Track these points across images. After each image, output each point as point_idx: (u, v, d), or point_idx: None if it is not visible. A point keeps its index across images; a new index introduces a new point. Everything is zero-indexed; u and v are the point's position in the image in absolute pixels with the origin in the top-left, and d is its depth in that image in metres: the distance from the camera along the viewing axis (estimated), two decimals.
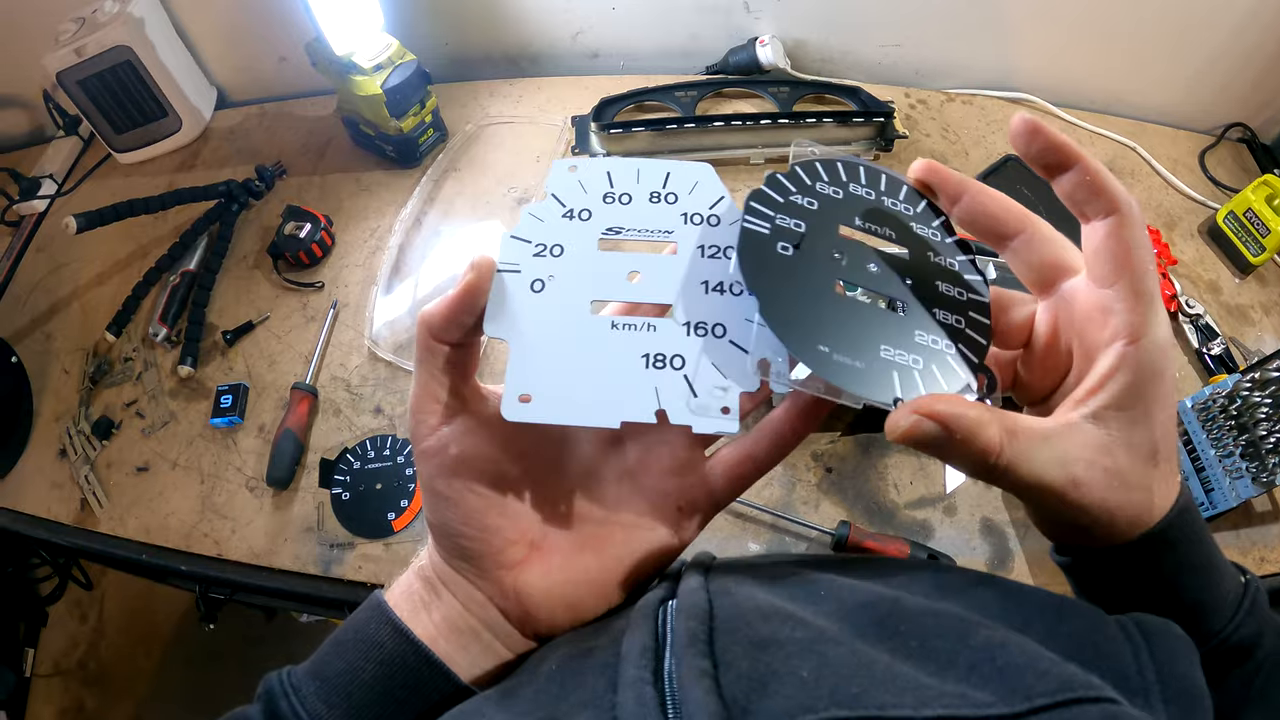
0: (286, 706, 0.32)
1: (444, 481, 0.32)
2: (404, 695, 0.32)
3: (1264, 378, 0.84)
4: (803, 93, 1.13)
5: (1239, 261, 1.07)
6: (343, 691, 0.32)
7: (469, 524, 0.32)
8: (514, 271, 0.32)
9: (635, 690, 0.25)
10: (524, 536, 0.34)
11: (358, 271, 1.02)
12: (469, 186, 1.09)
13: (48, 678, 1.37)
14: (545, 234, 0.33)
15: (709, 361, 0.31)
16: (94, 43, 1.01)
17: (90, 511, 0.89)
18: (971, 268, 0.35)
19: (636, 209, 0.34)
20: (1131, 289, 0.29)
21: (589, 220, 0.33)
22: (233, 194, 1.05)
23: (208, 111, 1.17)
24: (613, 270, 0.33)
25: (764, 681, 0.24)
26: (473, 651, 0.34)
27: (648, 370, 0.31)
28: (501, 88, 1.19)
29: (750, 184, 1.07)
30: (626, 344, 0.32)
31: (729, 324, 0.32)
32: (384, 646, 0.33)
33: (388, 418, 0.92)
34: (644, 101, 1.12)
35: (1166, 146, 1.17)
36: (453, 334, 0.31)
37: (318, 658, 0.34)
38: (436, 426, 0.32)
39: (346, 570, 0.84)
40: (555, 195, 0.34)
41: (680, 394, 0.31)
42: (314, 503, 0.87)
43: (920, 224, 0.35)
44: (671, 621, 0.29)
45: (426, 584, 0.35)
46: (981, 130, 1.15)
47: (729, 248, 0.33)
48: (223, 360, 0.97)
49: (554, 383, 0.31)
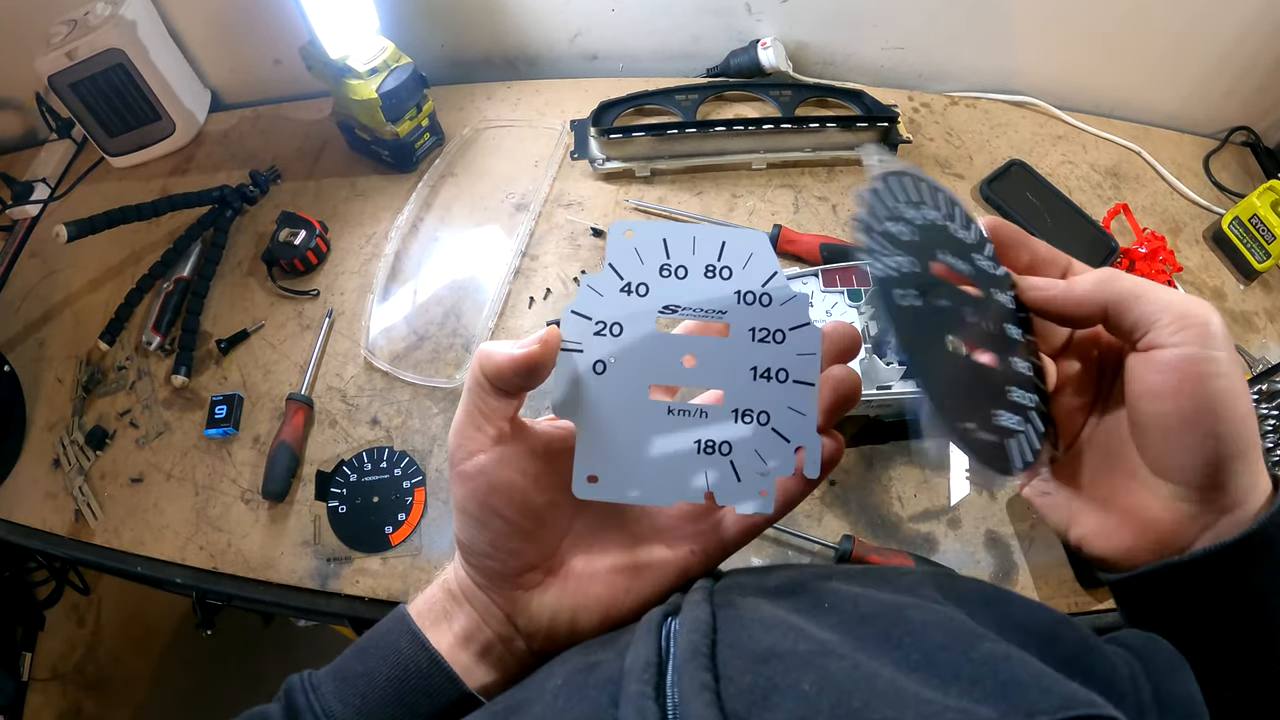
0: (304, 702, 0.34)
1: (476, 505, 0.34)
2: (414, 699, 0.35)
3: (1271, 389, 0.83)
4: (805, 96, 1.11)
5: (1244, 268, 1.06)
6: (358, 691, 0.35)
7: (495, 546, 0.34)
8: (577, 351, 0.34)
9: (636, 705, 0.25)
10: (543, 562, 0.36)
11: (353, 279, 1.01)
12: (466, 191, 1.07)
13: (45, 682, 1.36)
14: (605, 310, 0.35)
15: (753, 449, 0.34)
16: (86, 45, 1.00)
17: (85, 523, 0.88)
18: (1015, 301, 0.36)
19: (692, 284, 0.35)
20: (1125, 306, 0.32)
21: (646, 296, 0.35)
22: (227, 199, 1.04)
23: (201, 114, 1.16)
24: (669, 354, 0.35)
25: (765, 694, 0.24)
26: (486, 662, 0.36)
27: (699, 455, 0.34)
28: (499, 90, 1.17)
29: (753, 189, 1.06)
30: (681, 430, 0.35)
31: (773, 411, 0.34)
32: (401, 652, 0.35)
33: (384, 429, 0.91)
34: (644, 105, 1.11)
35: (1170, 150, 1.16)
36: (508, 387, 0.33)
37: (339, 661, 0.37)
38: (475, 453, 0.34)
39: (344, 585, 0.83)
40: (613, 266, 0.35)
41: (726, 478, 0.34)
42: (310, 515, 0.86)
43: (979, 256, 0.36)
44: (674, 636, 0.29)
45: (449, 596, 0.37)
46: (986, 135, 1.14)
47: (779, 330, 0.35)
48: (217, 369, 0.96)
49: (618, 465, 0.34)
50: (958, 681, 0.24)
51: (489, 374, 0.33)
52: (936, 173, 1.08)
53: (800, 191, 1.06)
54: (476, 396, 0.34)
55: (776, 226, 0.99)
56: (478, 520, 0.34)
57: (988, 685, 0.24)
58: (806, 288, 0.90)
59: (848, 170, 1.08)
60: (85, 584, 1.32)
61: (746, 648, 0.27)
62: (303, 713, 0.34)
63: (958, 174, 1.09)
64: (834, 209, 1.04)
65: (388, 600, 0.82)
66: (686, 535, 0.37)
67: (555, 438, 0.37)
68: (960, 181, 1.08)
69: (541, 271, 1.00)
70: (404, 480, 0.88)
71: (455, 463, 0.34)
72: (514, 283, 0.99)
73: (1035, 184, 1.08)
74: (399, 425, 0.91)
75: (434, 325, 0.97)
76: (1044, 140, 1.15)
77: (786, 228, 0.99)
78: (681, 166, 1.06)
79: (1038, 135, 1.15)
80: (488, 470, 0.34)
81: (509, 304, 0.98)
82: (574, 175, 1.08)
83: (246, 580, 0.85)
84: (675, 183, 1.06)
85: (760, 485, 0.34)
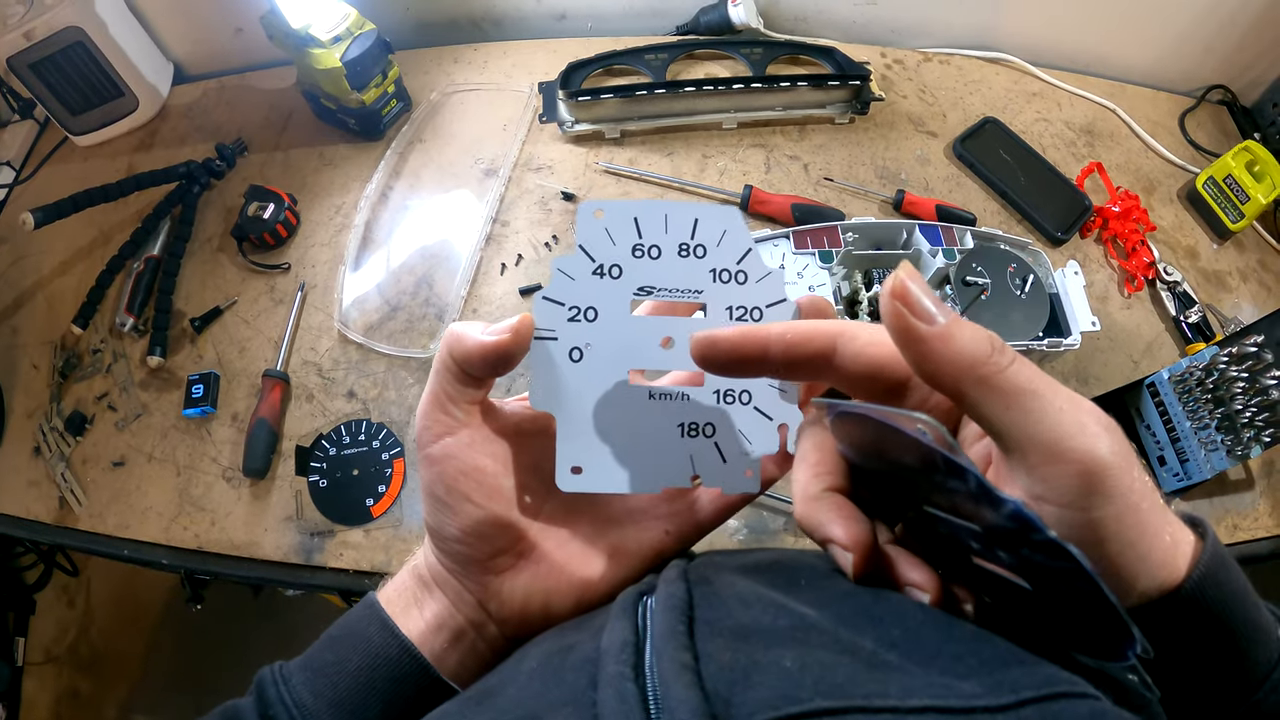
0: (275, 694, 0.34)
1: (444, 489, 0.33)
2: (385, 686, 0.34)
3: (1241, 352, 0.83)
4: (776, 54, 1.09)
5: (1217, 227, 1.06)
6: (329, 681, 0.34)
7: (464, 531, 0.33)
8: (551, 339, 0.33)
9: (616, 686, 0.25)
10: (514, 546, 0.35)
11: (324, 251, 1.00)
12: (435, 157, 1.06)
13: (40, 665, 1.37)
14: (577, 294, 0.34)
15: (736, 429, 0.34)
16: (43, 25, 0.97)
17: (69, 509, 0.89)
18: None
19: (666, 264, 0.34)
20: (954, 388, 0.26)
21: (620, 279, 0.34)
22: (193, 175, 1.03)
23: (165, 88, 1.14)
24: (646, 336, 0.34)
25: (746, 672, 0.24)
26: (459, 649, 0.35)
27: (683, 439, 0.34)
28: (465, 53, 1.15)
29: (724, 149, 1.05)
30: (664, 414, 0.34)
31: (754, 390, 0.34)
32: (371, 640, 0.34)
33: (361, 401, 0.91)
34: (613, 65, 1.09)
35: (1146, 108, 1.15)
36: (476, 373, 0.32)
37: (310, 652, 0.36)
38: (442, 435, 0.33)
39: (328, 558, 0.84)
40: (584, 248, 0.34)
41: (712, 460, 0.34)
42: (292, 491, 0.87)
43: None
44: (651, 615, 0.29)
45: (420, 582, 0.36)
46: (959, 92, 1.12)
47: (755, 308, 0.34)
48: (192, 348, 0.96)
49: (601, 454, 0.34)
50: (939, 658, 0.24)
51: (458, 359, 0.32)
52: (909, 130, 1.07)
53: (772, 151, 1.05)
54: (444, 379, 0.33)
55: (747, 187, 0.99)
56: (446, 505, 0.33)
57: (970, 662, 0.23)
58: (778, 250, 0.90)
59: (819, 129, 1.07)
60: (74, 565, 1.33)
61: (725, 625, 0.27)
62: (273, 704, 0.33)
63: (930, 131, 1.08)
64: (805, 168, 1.04)
65: (371, 571, 0.84)
66: (661, 516, 0.37)
67: (525, 418, 0.36)
68: (933, 140, 1.07)
69: (513, 237, 1.00)
70: (382, 452, 0.89)
71: (422, 445, 0.33)
72: (485, 249, 0.99)
73: (1009, 142, 1.07)
74: (375, 397, 0.91)
75: (406, 295, 0.96)
76: (1018, 97, 1.13)
77: (757, 188, 0.99)
78: (652, 127, 1.05)
79: (1012, 92, 1.14)
80: (455, 453, 0.33)
81: (481, 271, 0.98)
82: (543, 138, 1.06)
83: (232, 558, 0.86)
84: (646, 144, 1.05)
85: (745, 465, 0.34)
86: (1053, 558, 0.23)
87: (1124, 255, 1.03)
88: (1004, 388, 0.24)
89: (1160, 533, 0.26)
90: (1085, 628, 0.25)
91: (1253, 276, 1.05)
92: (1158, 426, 0.89)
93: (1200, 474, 0.85)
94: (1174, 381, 0.86)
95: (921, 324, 0.25)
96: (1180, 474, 0.87)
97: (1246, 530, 0.90)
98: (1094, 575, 0.22)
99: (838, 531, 0.28)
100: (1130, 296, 1.01)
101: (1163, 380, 0.87)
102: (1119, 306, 1.01)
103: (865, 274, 0.91)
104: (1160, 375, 0.87)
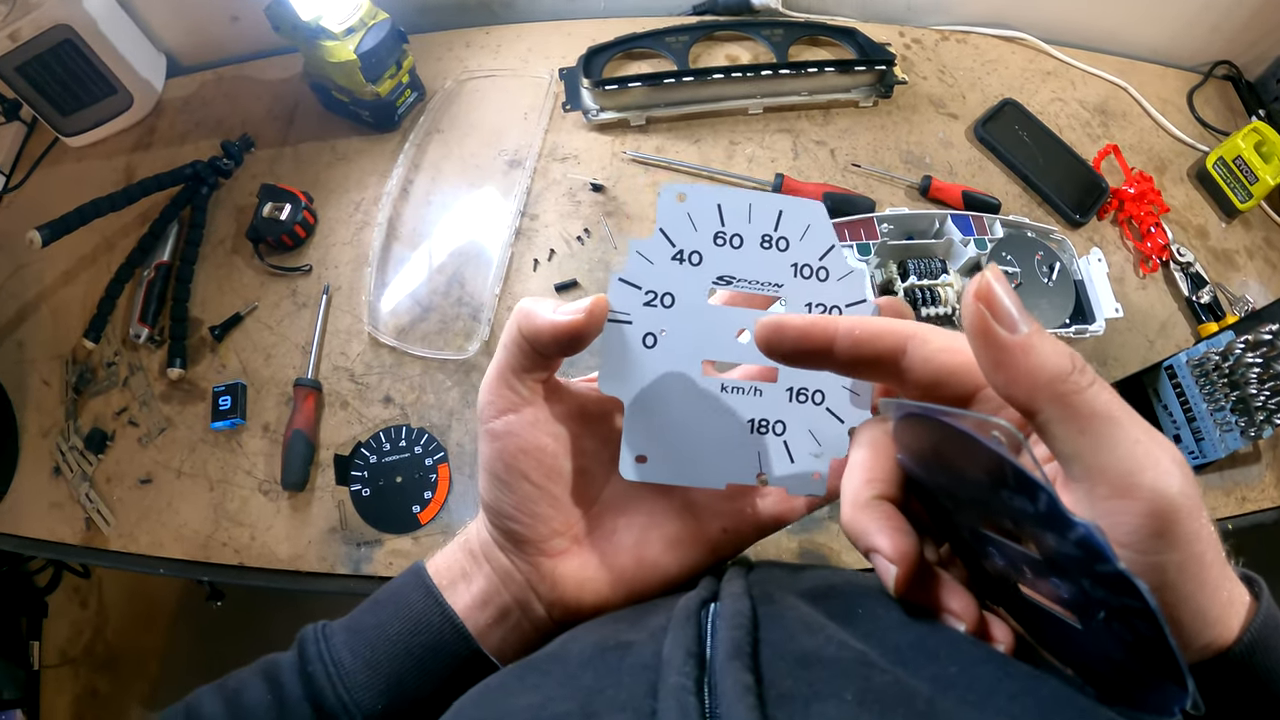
0: (314, 651, 0.34)
1: (503, 466, 0.33)
2: (423, 654, 0.34)
3: (1256, 339, 0.86)
4: (797, 35, 1.08)
5: (1226, 206, 1.09)
6: (368, 643, 0.34)
7: (521, 510, 0.33)
8: (626, 322, 0.32)
9: (678, 698, 0.24)
10: (569, 529, 0.35)
11: (346, 250, 0.97)
12: (455, 149, 1.03)
13: (57, 668, 1.36)
14: (655, 279, 0.33)
15: (806, 429, 0.33)
16: (29, 24, 0.91)
17: (96, 529, 0.86)
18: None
19: (747, 255, 0.33)
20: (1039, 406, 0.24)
21: (699, 266, 0.33)
22: (201, 175, 0.98)
23: (159, 82, 1.07)
24: (722, 327, 0.33)
25: (807, 702, 0.23)
26: (503, 627, 0.35)
27: (752, 435, 0.33)
28: (478, 37, 1.11)
29: (750, 135, 1.04)
30: (734, 408, 0.33)
31: (828, 391, 0.33)
32: (413, 606, 0.34)
33: (399, 407, 0.89)
34: (633, 49, 1.06)
35: (1155, 86, 1.16)
36: (546, 351, 0.31)
37: (354, 613, 0.36)
38: (505, 411, 0.32)
39: (377, 567, 0.83)
40: (664, 231, 0.33)
41: (780, 459, 0.33)
42: (334, 501, 0.86)
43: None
44: (714, 627, 0.28)
45: (470, 556, 0.36)
46: (977, 72, 1.12)
47: (834, 307, 0.33)
48: (213, 358, 0.92)
49: (668, 445, 0.33)
50: (995, 696, 0.23)
51: (528, 335, 0.31)
52: (930, 113, 1.07)
53: (798, 136, 1.04)
54: (511, 354, 0.32)
55: (779, 175, 0.98)
56: (504, 482, 0.33)
57: (1025, 702, 0.23)
58: None
59: (843, 112, 1.06)
60: (84, 567, 1.31)
61: (788, 649, 0.26)
62: (312, 661, 0.34)
63: (951, 114, 1.08)
64: (832, 153, 1.03)
65: None
66: (720, 513, 0.36)
67: (591, 400, 0.35)
68: (954, 122, 1.07)
69: (543, 231, 0.98)
70: (426, 458, 0.87)
71: (484, 420, 0.33)
72: (516, 245, 0.97)
73: (1028, 123, 1.08)
74: (414, 401, 0.90)
75: (438, 295, 0.94)
76: (1034, 76, 1.14)
77: (789, 176, 0.98)
78: (677, 114, 1.03)
79: (1028, 71, 1.14)
80: (517, 431, 0.32)
81: (513, 267, 0.95)
82: (566, 126, 1.04)
83: (277, 572, 0.84)
84: (672, 131, 1.03)
85: (814, 467, 0.33)
86: (1117, 593, 0.22)
87: (1139, 237, 1.05)
88: (1081, 409, 0.23)
89: (1219, 589, 0.25)
90: (1131, 676, 0.24)
91: (1259, 254, 1.08)
92: (1175, 408, 0.92)
93: (1215, 453, 0.88)
94: (1191, 365, 0.89)
95: (1004, 331, 0.24)
96: (1195, 453, 0.90)
97: (1254, 501, 0.94)
98: (1160, 617, 0.21)
99: (884, 543, 0.27)
100: (1145, 277, 1.04)
101: (1181, 364, 0.90)
102: (1135, 287, 1.03)
103: (900, 264, 0.92)
104: (1179, 359, 0.90)
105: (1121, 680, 0.24)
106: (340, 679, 0.33)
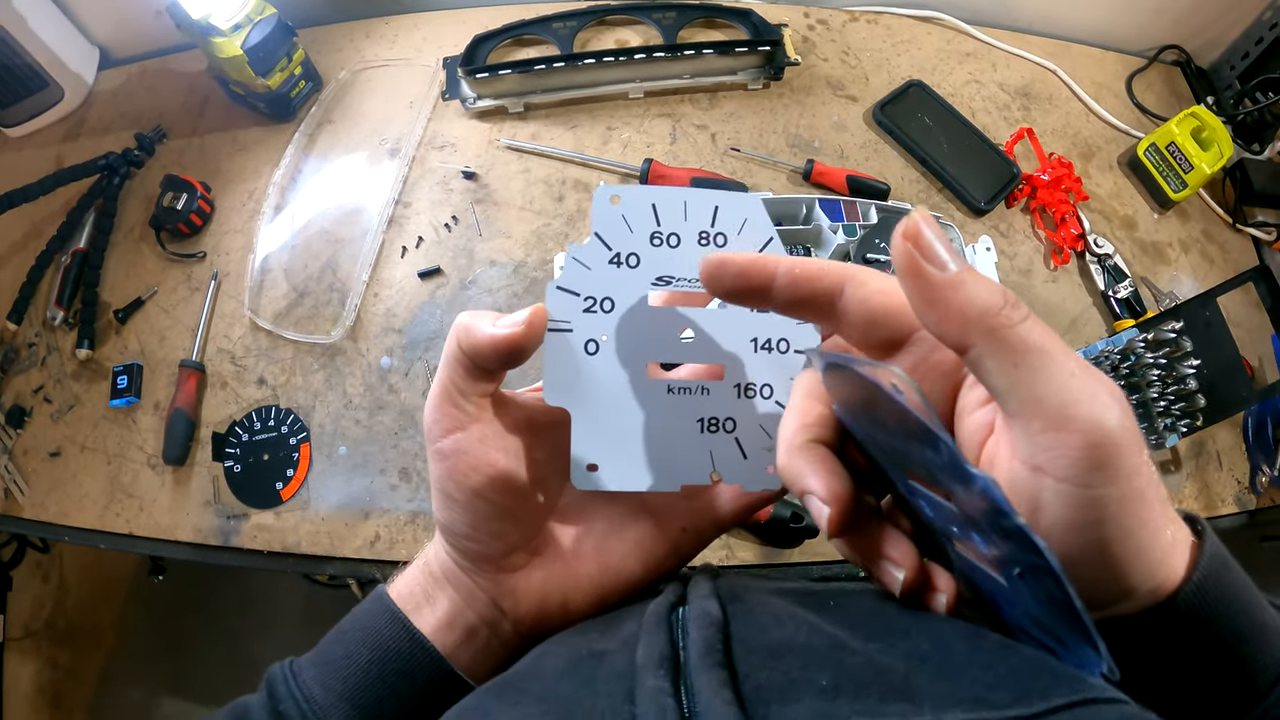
0: (285, 690, 0.33)
1: (454, 485, 0.32)
2: (396, 680, 0.33)
3: (1159, 337, 0.80)
4: (690, 18, 1.05)
5: (1159, 196, 1.00)
6: (339, 675, 0.33)
7: (476, 528, 0.33)
8: (566, 330, 0.32)
9: (656, 701, 0.24)
10: (528, 542, 0.34)
11: (237, 238, 1.02)
12: (343, 139, 1.06)
13: (20, 640, 1.42)
14: (593, 285, 0.32)
15: (757, 424, 0.33)
16: None
17: (14, 499, 0.95)
18: None
19: (685, 253, 0.33)
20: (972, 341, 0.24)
21: (637, 268, 0.32)
22: (113, 166, 1.05)
23: (90, 75, 1.15)
24: (664, 328, 0.33)
25: (783, 690, 0.24)
26: (472, 646, 0.35)
27: (703, 435, 0.33)
28: (378, 27, 1.13)
29: (629, 121, 1.02)
30: (683, 409, 0.33)
31: (775, 384, 0.33)
32: (381, 633, 0.34)
33: (270, 388, 0.95)
34: (521, 35, 1.06)
35: (1091, 69, 1.07)
36: (487, 365, 0.31)
37: (319, 646, 0.35)
38: (451, 430, 0.32)
39: (244, 540, 0.89)
40: (600, 235, 0.32)
41: (732, 456, 0.33)
42: (209, 476, 0.92)
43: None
44: (686, 629, 0.28)
45: (430, 578, 0.36)
46: (886, 53, 1.06)
47: None
48: (117, 339, 1.00)
49: (618, 452, 0.32)
50: (969, 668, 0.23)
51: (467, 351, 0.30)
52: (826, 95, 1.03)
53: (679, 120, 1.02)
54: (453, 371, 0.31)
55: (647, 160, 0.96)
56: (456, 501, 0.32)
57: (1000, 670, 0.23)
58: None
59: (731, 96, 1.03)
60: (45, 542, 1.39)
61: (760, 642, 0.26)
62: (283, 700, 0.33)
63: (850, 96, 1.03)
64: (713, 138, 1.01)
65: (282, 553, 0.88)
66: (679, 513, 0.36)
67: (539, 410, 0.34)
68: (852, 104, 1.02)
69: (414, 219, 1.00)
70: (290, 437, 0.92)
71: (432, 440, 0.32)
72: (387, 233, 1.00)
73: (934, 106, 1.01)
74: (284, 383, 0.95)
75: (312, 280, 0.98)
76: (949, 58, 1.07)
77: (657, 161, 0.97)
78: (556, 100, 1.03)
79: (943, 53, 1.07)
80: (465, 449, 0.32)
81: (383, 254, 0.99)
82: (448, 115, 1.05)
83: (160, 541, 0.91)
84: (550, 117, 1.03)
85: (767, 461, 0.33)
86: (1023, 550, 0.21)
87: (1052, 226, 0.98)
88: (1014, 343, 0.23)
89: (1161, 528, 0.24)
90: (1055, 637, 0.24)
91: (1195, 248, 0.99)
92: None
93: None
94: None
95: (934, 269, 0.24)
96: None
97: None
98: (1062, 576, 0.20)
99: (817, 484, 0.26)
100: (1056, 269, 0.97)
101: None
102: (1043, 280, 0.97)
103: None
104: None
105: (1050, 642, 0.24)
106: (315, 715, 0.32)
